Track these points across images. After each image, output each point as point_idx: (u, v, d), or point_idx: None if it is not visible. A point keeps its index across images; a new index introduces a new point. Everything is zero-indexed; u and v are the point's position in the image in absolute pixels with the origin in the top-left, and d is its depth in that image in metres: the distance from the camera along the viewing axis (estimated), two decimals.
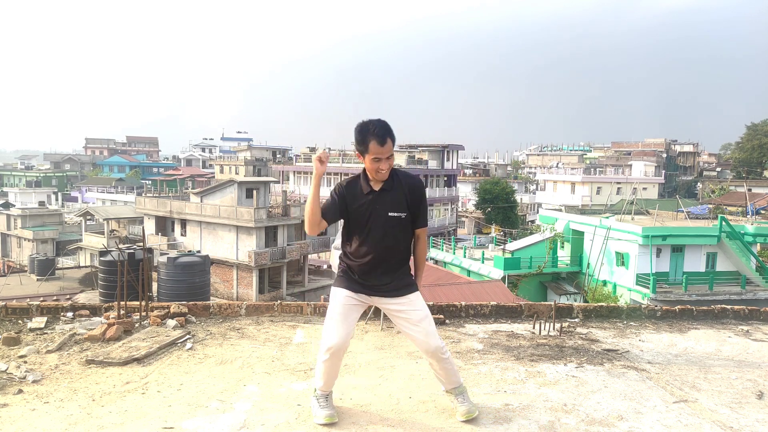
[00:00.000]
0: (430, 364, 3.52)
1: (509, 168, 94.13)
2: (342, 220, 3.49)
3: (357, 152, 3.35)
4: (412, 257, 3.62)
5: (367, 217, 3.35)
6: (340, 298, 3.41)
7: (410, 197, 3.39)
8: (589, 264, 31.49)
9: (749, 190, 53.46)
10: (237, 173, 62.44)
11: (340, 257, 3.53)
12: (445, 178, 53.53)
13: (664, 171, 72.57)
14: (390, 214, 3.34)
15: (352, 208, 3.37)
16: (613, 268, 31.03)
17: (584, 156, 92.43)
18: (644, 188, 60.87)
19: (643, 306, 6.26)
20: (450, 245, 37.45)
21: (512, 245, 34.61)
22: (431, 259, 34.75)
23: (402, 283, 3.45)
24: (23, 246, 51.05)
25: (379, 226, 3.35)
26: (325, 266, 40.33)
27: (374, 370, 4.28)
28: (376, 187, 3.36)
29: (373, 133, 3.22)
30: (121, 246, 17.79)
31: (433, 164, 52.19)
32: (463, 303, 6.05)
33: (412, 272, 3.58)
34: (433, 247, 38.52)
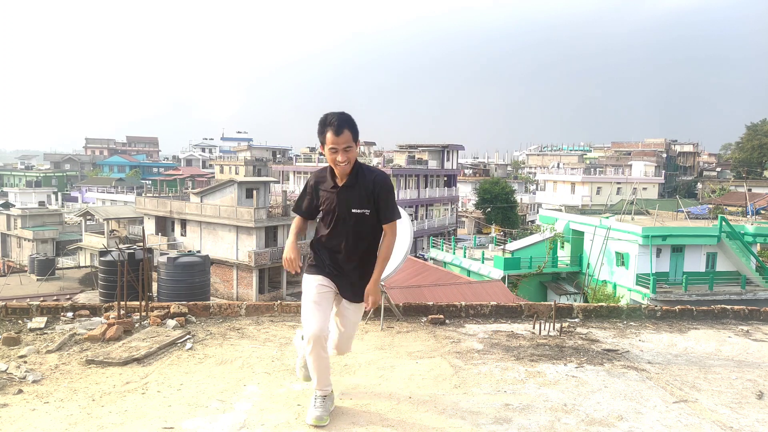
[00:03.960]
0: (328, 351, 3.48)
1: (509, 168, 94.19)
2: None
3: (320, 145, 3.36)
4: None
5: (332, 213, 3.38)
6: (312, 285, 3.40)
7: (375, 192, 3.35)
8: (589, 264, 31.47)
9: (749, 190, 53.45)
10: (237, 173, 62.43)
11: (311, 245, 3.55)
12: (445, 178, 53.54)
13: (664, 171, 72.54)
14: (353, 210, 3.35)
15: (320, 203, 3.44)
16: (613, 268, 31.03)
17: (584, 156, 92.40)
18: (644, 188, 60.89)
19: (643, 306, 6.25)
20: (450, 245, 37.45)
21: (512, 245, 34.60)
22: (431, 258, 34.76)
23: (361, 290, 3.46)
24: (23, 246, 51.05)
25: (343, 222, 3.37)
26: None
27: (374, 370, 4.27)
28: (340, 183, 3.37)
29: (330, 123, 3.25)
30: (121, 246, 17.79)
31: (433, 164, 52.18)
32: (463, 303, 6.04)
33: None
34: (433, 247, 38.53)
